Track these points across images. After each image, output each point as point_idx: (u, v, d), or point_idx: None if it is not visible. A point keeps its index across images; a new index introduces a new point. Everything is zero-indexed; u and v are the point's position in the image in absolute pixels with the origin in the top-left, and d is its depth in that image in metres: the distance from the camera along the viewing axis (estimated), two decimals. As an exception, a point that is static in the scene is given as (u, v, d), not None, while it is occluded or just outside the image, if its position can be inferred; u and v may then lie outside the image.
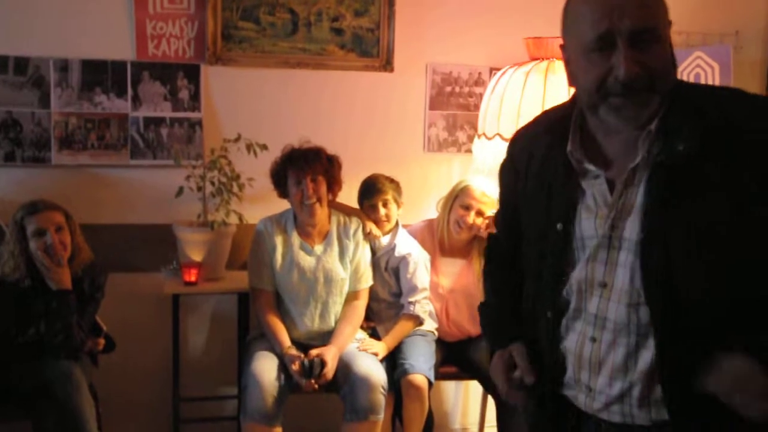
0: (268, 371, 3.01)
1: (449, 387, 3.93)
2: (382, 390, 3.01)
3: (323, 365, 3.01)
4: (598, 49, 1.42)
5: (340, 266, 3.22)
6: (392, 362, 3.21)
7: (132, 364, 3.51)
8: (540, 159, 1.61)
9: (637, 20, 1.39)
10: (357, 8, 3.61)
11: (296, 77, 3.61)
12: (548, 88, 3.17)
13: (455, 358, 3.38)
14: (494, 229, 1.93)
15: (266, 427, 2.94)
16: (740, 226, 1.40)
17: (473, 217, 3.27)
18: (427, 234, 3.44)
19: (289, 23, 3.57)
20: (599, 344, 1.54)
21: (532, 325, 1.67)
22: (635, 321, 1.49)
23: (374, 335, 3.35)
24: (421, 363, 3.15)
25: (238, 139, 3.39)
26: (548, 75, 3.20)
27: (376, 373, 3.04)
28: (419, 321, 3.30)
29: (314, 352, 3.06)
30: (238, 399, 3.25)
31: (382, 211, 3.32)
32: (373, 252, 3.33)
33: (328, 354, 3.05)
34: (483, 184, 3.30)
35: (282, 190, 3.23)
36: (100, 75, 3.43)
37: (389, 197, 3.34)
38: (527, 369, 1.63)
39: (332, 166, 3.22)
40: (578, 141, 1.55)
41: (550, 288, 1.60)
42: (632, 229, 1.47)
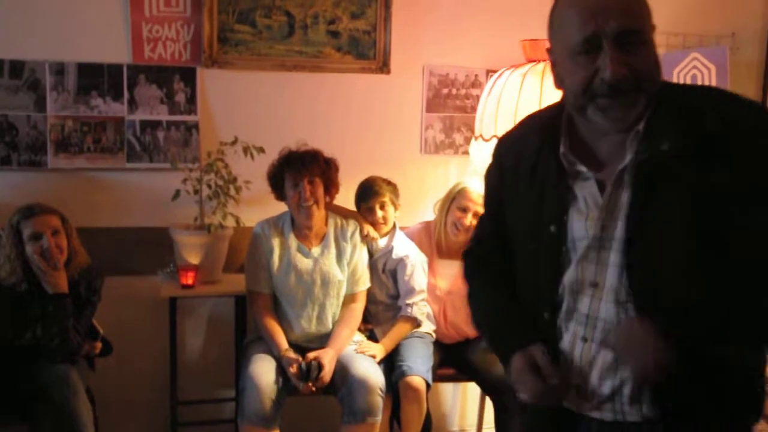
0: (266, 374, 3.00)
1: (447, 389, 3.93)
2: (380, 392, 3.01)
3: (320, 368, 3.01)
4: (585, 52, 1.44)
5: (338, 268, 3.22)
6: (390, 364, 3.20)
7: (129, 368, 3.51)
8: (530, 161, 1.61)
9: (623, 23, 1.41)
10: (353, 11, 3.61)
11: (293, 80, 3.61)
12: (545, 90, 3.17)
13: (453, 360, 3.38)
14: (470, 240, 1.91)
15: (264, 430, 2.93)
16: (720, 226, 1.42)
17: (470, 219, 3.27)
18: (425, 236, 3.44)
19: (286, 26, 3.57)
20: (590, 344, 1.55)
21: None
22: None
23: (372, 337, 3.35)
24: (419, 365, 3.15)
25: (235, 142, 3.39)
26: (545, 77, 3.20)
27: (374, 375, 3.03)
28: (417, 323, 3.30)
29: (312, 355, 3.05)
30: (236, 402, 3.24)
31: (380, 214, 3.32)
32: (371, 254, 3.33)
33: (326, 357, 3.05)
34: (480, 186, 3.30)
35: (279, 193, 3.23)
36: (96, 78, 3.42)
37: (386, 199, 3.34)
38: (551, 370, 1.57)
39: (329, 169, 3.22)
40: (569, 143, 1.56)
41: (546, 289, 1.60)
42: (620, 230, 1.49)
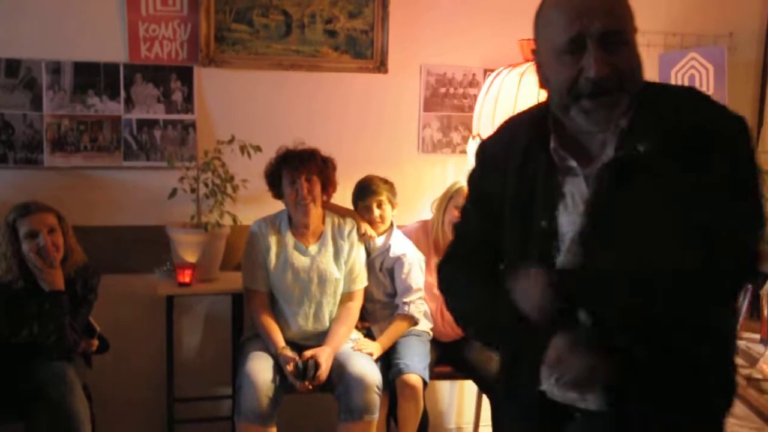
0: (263, 371, 3.00)
1: (444, 387, 3.94)
2: (377, 390, 3.01)
3: (317, 367, 3.01)
4: (570, 52, 1.47)
5: (335, 267, 3.22)
6: (387, 362, 3.21)
7: (126, 365, 3.51)
8: (518, 160, 1.63)
9: (607, 23, 1.45)
10: (351, 10, 3.61)
11: (290, 79, 3.61)
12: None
13: (450, 358, 3.39)
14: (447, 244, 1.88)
15: (261, 428, 2.94)
16: (682, 221, 1.45)
17: (467, 218, 3.27)
18: (422, 235, 3.44)
19: (283, 25, 3.56)
20: None
21: None
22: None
23: (369, 335, 3.35)
24: (416, 363, 3.16)
25: (232, 141, 3.39)
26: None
27: (371, 373, 3.04)
28: (414, 321, 3.30)
29: (308, 353, 3.06)
30: (233, 399, 3.24)
31: (377, 212, 3.33)
32: (368, 253, 3.33)
33: (323, 355, 3.05)
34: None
35: (276, 191, 3.23)
36: (93, 77, 3.42)
37: (384, 198, 3.34)
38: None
39: (327, 167, 3.23)
40: (559, 140, 1.59)
41: None
42: (587, 223, 1.53)
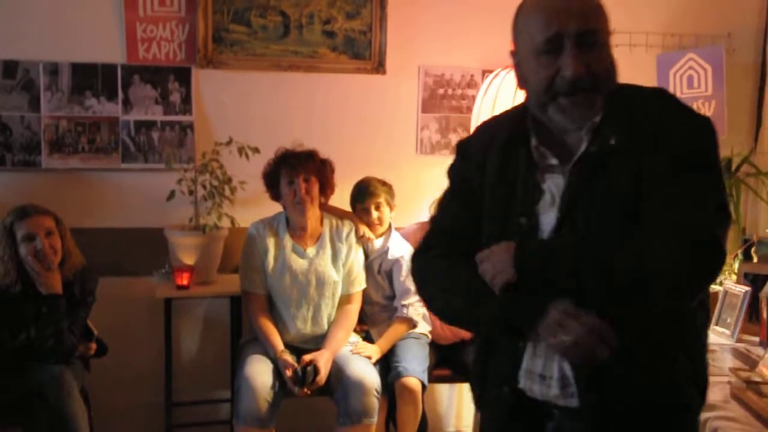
0: (261, 375, 2.99)
1: (443, 390, 3.92)
2: (376, 393, 3.00)
3: (316, 373, 3.00)
4: (547, 52, 1.51)
5: (333, 269, 3.21)
6: (386, 365, 3.20)
7: (124, 369, 3.49)
8: (498, 158, 1.65)
9: (583, 24, 1.50)
10: (349, 11, 3.60)
11: (288, 80, 3.60)
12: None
13: (449, 361, 3.38)
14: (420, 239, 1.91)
15: (259, 431, 2.93)
16: (638, 208, 1.49)
17: (466, 220, 3.26)
18: (420, 237, 3.42)
19: (281, 26, 3.56)
20: None
21: None
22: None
23: (368, 338, 3.34)
24: (415, 366, 3.15)
25: (230, 143, 3.38)
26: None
27: (370, 377, 3.03)
28: (413, 324, 3.29)
29: (307, 358, 3.05)
30: (231, 403, 3.23)
31: (375, 214, 3.32)
32: (366, 255, 3.32)
33: (321, 359, 3.04)
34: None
35: (274, 192, 3.22)
36: (91, 78, 3.42)
37: (382, 200, 3.33)
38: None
39: (325, 168, 3.22)
40: (539, 138, 1.62)
41: None
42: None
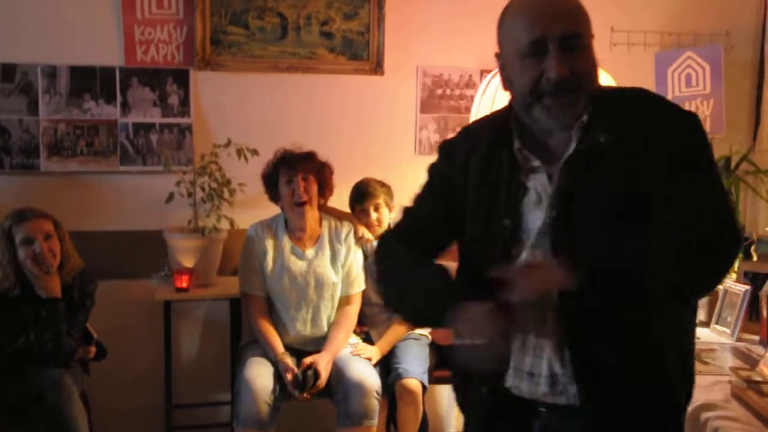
0: (261, 377, 2.99)
1: (443, 391, 3.91)
2: (376, 395, 3.00)
3: (317, 377, 3.00)
4: (532, 54, 1.54)
5: (332, 270, 3.20)
6: (386, 367, 3.20)
7: (124, 372, 3.49)
8: (481, 160, 1.67)
9: (566, 26, 1.52)
10: (346, 11, 3.60)
11: (286, 81, 3.60)
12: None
13: (449, 362, 3.37)
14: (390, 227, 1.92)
15: (259, 434, 2.93)
16: (641, 205, 1.50)
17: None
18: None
19: (279, 27, 3.55)
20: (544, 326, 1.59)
21: None
22: None
23: (367, 340, 3.33)
24: (415, 367, 3.14)
25: (229, 145, 3.37)
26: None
27: (370, 378, 3.02)
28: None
29: (307, 361, 3.04)
30: (231, 405, 3.23)
31: (374, 216, 3.31)
32: (365, 256, 3.31)
33: (321, 362, 3.03)
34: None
35: (273, 193, 3.21)
36: (89, 81, 3.41)
37: (381, 201, 3.33)
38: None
39: (324, 169, 3.22)
40: (522, 140, 1.63)
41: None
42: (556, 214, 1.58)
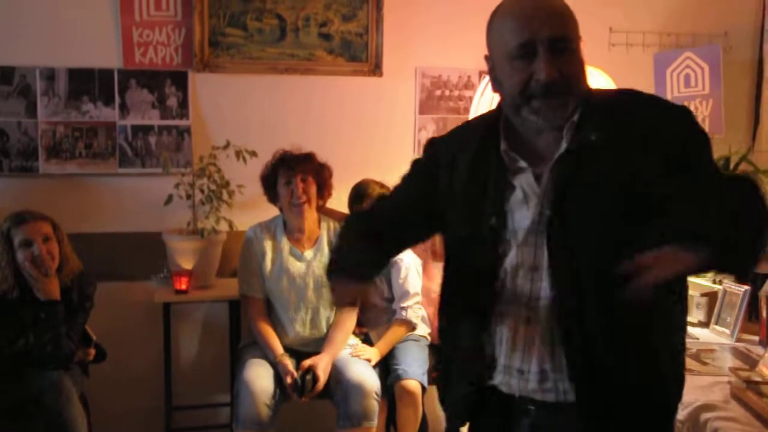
0: (261, 379, 2.99)
1: (443, 392, 3.92)
2: (376, 396, 2.99)
3: (315, 380, 3.00)
4: (521, 56, 1.54)
5: (332, 272, 3.20)
6: (385, 368, 3.19)
7: (123, 374, 3.48)
8: (469, 160, 1.69)
9: (555, 29, 1.53)
10: (345, 13, 3.60)
11: (285, 83, 3.60)
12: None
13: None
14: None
15: (259, 435, 2.92)
16: (639, 203, 1.51)
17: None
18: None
19: (277, 29, 3.56)
20: (534, 325, 1.60)
21: (455, 319, 1.73)
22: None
23: (367, 341, 3.33)
24: (415, 368, 3.14)
25: (227, 146, 3.37)
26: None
27: (369, 379, 3.02)
28: (412, 326, 3.28)
29: (306, 363, 3.04)
30: (231, 407, 3.23)
31: (373, 216, 3.31)
32: (365, 257, 3.31)
33: (321, 364, 3.03)
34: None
35: (272, 194, 3.21)
36: (87, 83, 3.41)
37: (380, 202, 3.33)
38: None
39: (323, 170, 3.22)
40: (509, 142, 1.65)
41: (487, 275, 1.64)
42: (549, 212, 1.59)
